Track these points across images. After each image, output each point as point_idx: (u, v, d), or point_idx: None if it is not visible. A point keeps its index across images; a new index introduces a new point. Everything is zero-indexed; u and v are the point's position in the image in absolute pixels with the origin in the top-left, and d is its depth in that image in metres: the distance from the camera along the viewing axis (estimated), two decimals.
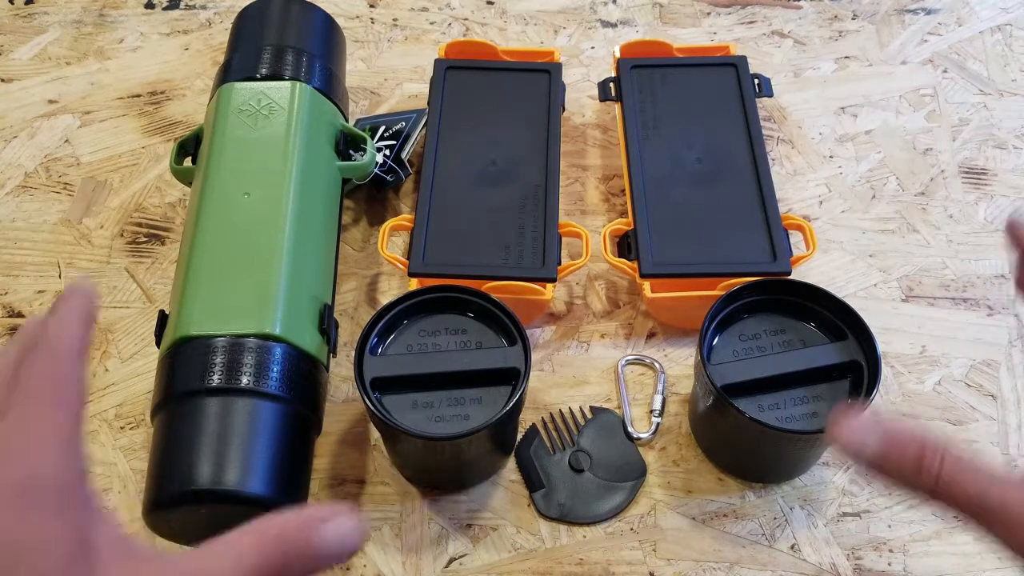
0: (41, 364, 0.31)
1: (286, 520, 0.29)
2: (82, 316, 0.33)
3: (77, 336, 0.32)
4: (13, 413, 0.29)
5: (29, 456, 0.28)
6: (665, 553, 0.47)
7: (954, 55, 0.70)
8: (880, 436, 0.32)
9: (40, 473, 0.28)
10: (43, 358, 0.31)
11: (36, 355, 0.31)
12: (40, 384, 0.30)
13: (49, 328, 0.32)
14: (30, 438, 0.29)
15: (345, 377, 0.53)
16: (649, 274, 0.52)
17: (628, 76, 0.61)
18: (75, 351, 0.32)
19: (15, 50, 0.72)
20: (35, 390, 0.30)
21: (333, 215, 0.54)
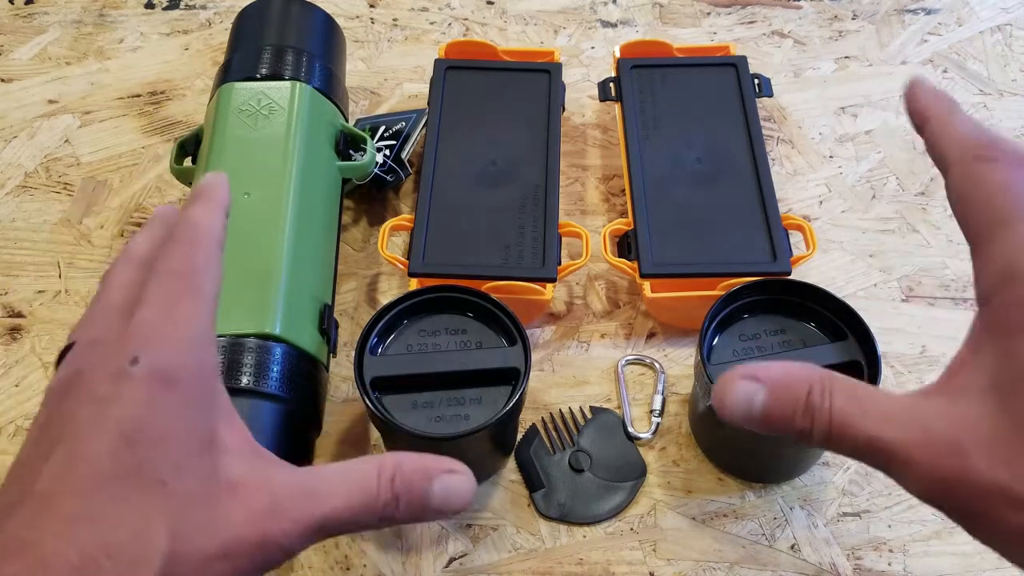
0: (181, 251, 0.31)
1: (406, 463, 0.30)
2: (218, 206, 0.33)
3: (216, 224, 0.32)
4: (153, 299, 0.29)
5: (167, 345, 0.28)
6: (665, 553, 0.47)
7: (954, 55, 0.70)
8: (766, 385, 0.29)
9: (176, 363, 0.28)
10: (183, 245, 0.31)
11: (175, 241, 0.31)
12: (179, 271, 0.30)
13: (189, 215, 0.32)
14: (168, 327, 0.28)
15: (345, 377, 0.53)
16: (649, 274, 0.52)
17: (628, 76, 0.61)
18: (214, 239, 0.32)
19: (15, 50, 0.72)
20: (174, 277, 0.30)
21: (333, 215, 0.54)
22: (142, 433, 0.26)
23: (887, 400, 0.28)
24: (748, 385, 0.29)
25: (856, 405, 0.28)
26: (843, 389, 0.29)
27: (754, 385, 0.29)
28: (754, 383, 0.29)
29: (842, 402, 0.28)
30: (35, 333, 0.56)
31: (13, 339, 0.55)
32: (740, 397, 0.29)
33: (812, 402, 0.28)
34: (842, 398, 0.28)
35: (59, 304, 0.57)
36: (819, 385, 0.29)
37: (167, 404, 0.27)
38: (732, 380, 0.30)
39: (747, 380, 0.29)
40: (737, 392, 0.29)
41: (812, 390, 0.28)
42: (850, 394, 0.28)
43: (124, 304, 0.30)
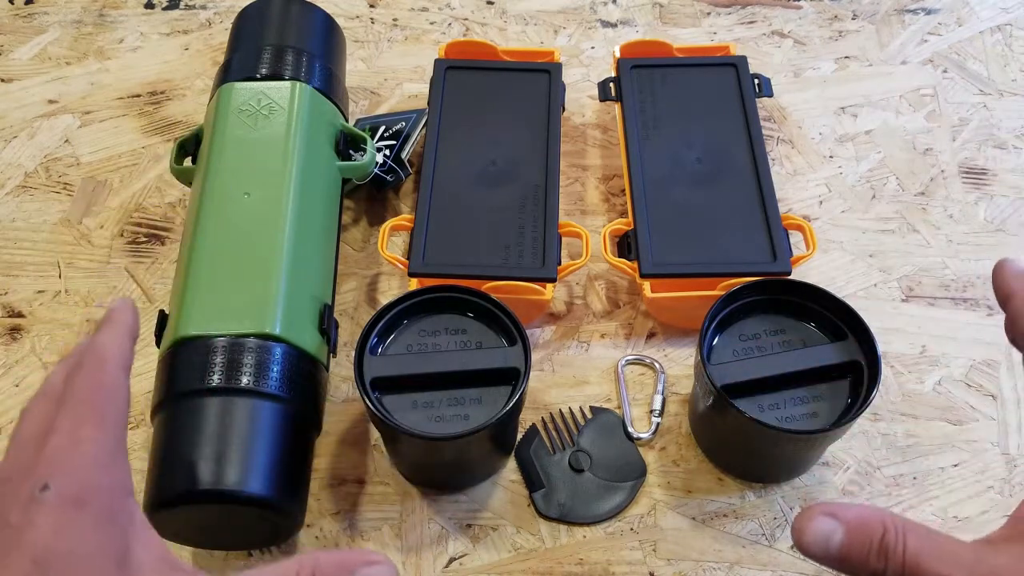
0: (86, 377, 0.32)
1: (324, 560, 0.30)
2: (125, 330, 0.34)
3: (120, 348, 0.33)
4: (61, 427, 0.30)
5: (75, 469, 0.29)
6: (665, 553, 0.47)
7: (954, 55, 0.70)
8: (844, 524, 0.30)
9: (84, 485, 0.29)
10: (88, 371, 0.32)
11: (81, 368, 0.32)
12: (85, 398, 0.31)
13: (95, 341, 0.33)
14: (75, 452, 0.29)
15: (345, 377, 0.53)
16: (649, 274, 0.52)
17: (628, 76, 0.61)
18: (118, 363, 0.33)
19: (15, 50, 0.72)
20: (81, 404, 0.31)
21: (333, 215, 0.54)
22: (54, 557, 0.27)
23: (958, 546, 0.30)
24: (827, 522, 0.30)
25: (929, 548, 0.29)
26: (916, 531, 0.30)
27: (832, 523, 0.30)
28: (832, 521, 0.30)
29: (915, 544, 0.29)
30: (35, 333, 0.56)
31: (13, 339, 0.55)
32: (819, 536, 0.30)
33: (887, 543, 0.29)
34: (915, 540, 0.29)
35: (59, 304, 0.57)
36: (893, 526, 0.30)
37: (77, 526, 0.28)
38: (812, 517, 0.31)
39: (826, 517, 0.30)
40: (816, 530, 0.30)
41: (887, 531, 0.30)
42: (923, 537, 0.30)
43: (37, 435, 0.31)
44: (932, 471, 0.50)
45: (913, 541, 0.29)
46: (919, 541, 0.29)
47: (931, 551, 0.29)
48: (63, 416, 0.30)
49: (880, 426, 0.51)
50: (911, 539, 0.29)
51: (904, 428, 0.51)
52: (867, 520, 0.30)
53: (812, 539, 0.30)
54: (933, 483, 0.49)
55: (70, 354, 0.35)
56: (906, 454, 0.50)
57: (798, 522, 0.31)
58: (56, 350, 0.55)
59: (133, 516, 0.30)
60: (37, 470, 0.29)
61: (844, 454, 0.50)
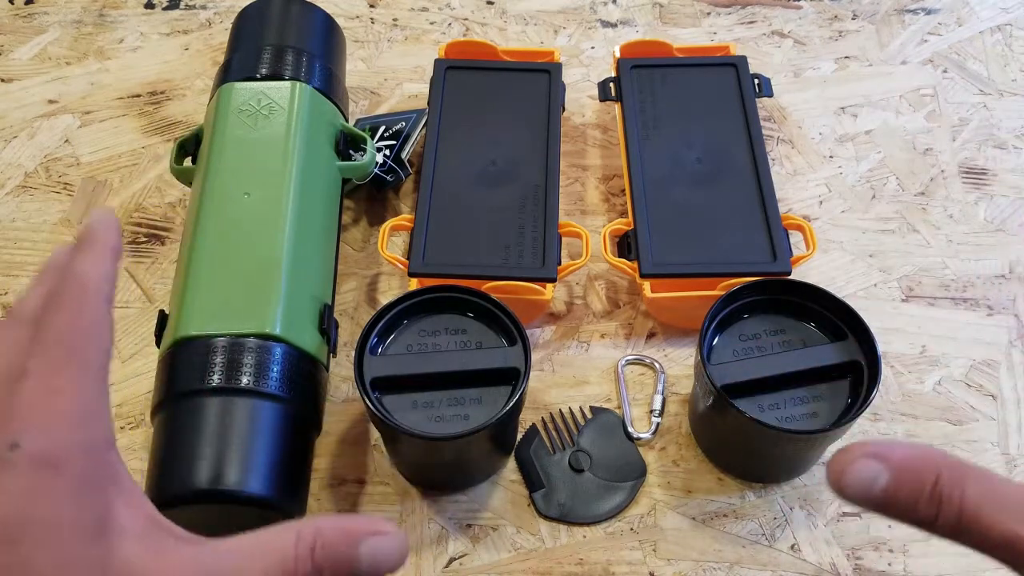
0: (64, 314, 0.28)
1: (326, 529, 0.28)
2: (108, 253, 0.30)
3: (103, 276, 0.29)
4: (34, 371, 0.26)
5: (49, 425, 0.26)
6: (665, 553, 0.47)
7: (954, 55, 0.70)
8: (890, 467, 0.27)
9: (60, 445, 0.26)
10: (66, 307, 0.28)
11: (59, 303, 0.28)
12: (63, 338, 0.27)
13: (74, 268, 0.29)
14: (50, 404, 0.26)
15: (345, 377, 0.53)
16: (649, 274, 0.52)
17: (628, 76, 0.61)
18: (101, 294, 0.29)
19: (15, 50, 0.72)
20: (58, 345, 0.27)
21: (333, 215, 0.54)
22: (25, 528, 0.24)
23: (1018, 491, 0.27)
24: (870, 465, 0.27)
25: (991, 498, 0.26)
26: (976, 478, 0.27)
27: (877, 465, 0.27)
28: (876, 463, 0.27)
29: (976, 491, 0.27)
30: None
31: None
32: (861, 477, 0.27)
33: (940, 490, 0.27)
34: (975, 487, 0.27)
35: None
36: (949, 472, 0.27)
37: (52, 492, 0.25)
38: (852, 458, 0.28)
39: (870, 459, 0.28)
40: (858, 472, 0.27)
41: (941, 477, 0.27)
42: (985, 484, 0.27)
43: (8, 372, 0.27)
44: None
45: (973, 488, 0.26)
46: (980, 488, 0.26)
47: (994, 501, 0.26)
48: (38, 358, 0.27)
49: (880, 426, 0.51)
50: (970, 486, 0.26)
51: (904, 428, 0.51)
52: (918, 463, 0.27)
53: (852, 481, 0.27)
54: None
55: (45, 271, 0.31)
56: None
57: (837, 463, 0.28)
58: None
59: (115, 474, 0.27)
60: (6, 424, 0.26)
61: None
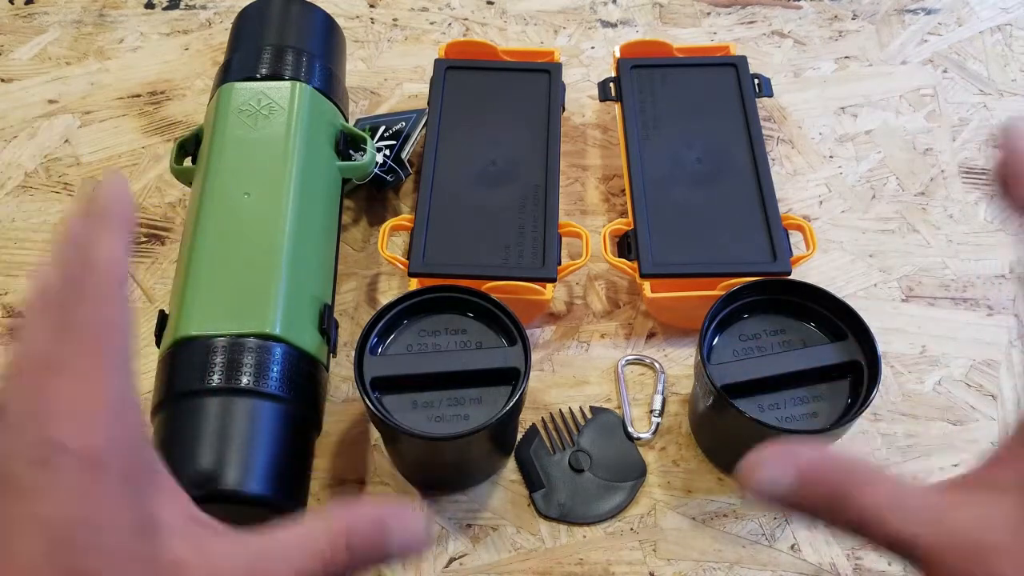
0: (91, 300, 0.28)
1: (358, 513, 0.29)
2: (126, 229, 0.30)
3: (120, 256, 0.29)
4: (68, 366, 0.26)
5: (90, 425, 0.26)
6: (665, 553, 0.47)
7: (954, 55, 0.70)
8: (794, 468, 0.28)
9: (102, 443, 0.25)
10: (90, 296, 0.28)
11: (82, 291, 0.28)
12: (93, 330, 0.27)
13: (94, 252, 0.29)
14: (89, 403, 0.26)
15: (345, 377, 0.53)
16: (649, 274, 0.52)
17: (628, 76, 0.61)
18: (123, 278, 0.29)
19: (15, 50, 0.72)
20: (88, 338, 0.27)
21: (333, 215, 0.54)
22: (75, 529, 0.24)
23: (917, 494, 0.28)
24: (778, 465, 0.29)
25: (893, 500, 0.27)
26: (879, 482, 0.28)
27: (784, 466, 0.28)
28: (784, 464, 0.28)
29: (878, 494, 0.27)
30: None
31: (13, 339, 0.55)
32: (770, 477, 0.28)
33: (845, 492, 0.28)
34: (878, 489, 0.27)
35: None
36: (854, 473, 0.28)
37: (99, 492, 0.25)
38: (761, 459, 0.29)
39: (778, 460, 0.29)
40: (767, 471, 0.28)
41: (845, 480, 0.28)
42: (886, 488, 0.28)
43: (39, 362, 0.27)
44: (932, 471, 0.50)
45: (876, 489, 0.27)
46: (882, 489, 0.27)
47: (895, 503, 0.27)
48: (68, 351, 0.27)
49: (880, 426, 0.51)
50: (874, 487, 0.27)
51: (904, 428, 0.51)
52: (824, 464, 0.28)
53: (762, 480, 0.28)
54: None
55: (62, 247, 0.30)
56: (906, 454, 0.50)
57: (747, 464, 0.29)
58: None
59: (155, 468, 0.27)
60: (46, 422, 0.25)
61: None
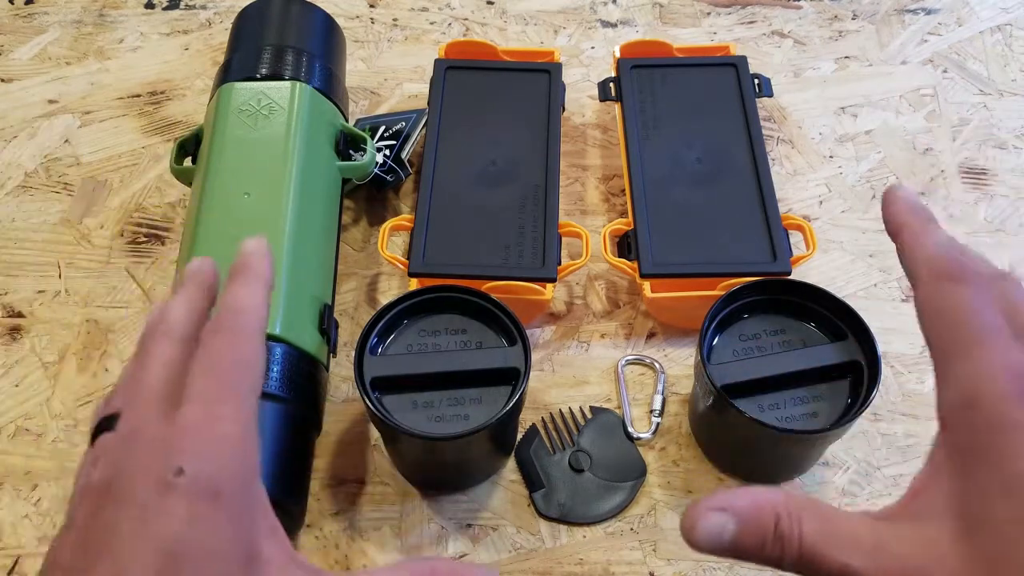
0: (226, 343, 0.30)
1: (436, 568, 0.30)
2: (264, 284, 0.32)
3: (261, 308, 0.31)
4: (197, 397, 0.28)
5: (212, 454, 0.27)
6: (665, 553, 0.47)
7: (954, 55, 0.70)
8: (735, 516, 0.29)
9: (221, 474, 0.27)
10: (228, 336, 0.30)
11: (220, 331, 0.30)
12: (225, 366, 0.29)
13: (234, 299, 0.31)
14: (213, 433, 0.27)
15: (345, 377, 0.53)
16: (649, 274, 0.52)
17: (628, 76, 0.61)
18: (259, 328, 0.30)
19: (15, 50, 0.72)
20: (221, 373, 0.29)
21: (333, 215, 0.54)
22: (187, 552, 0.26)
23: (855, 525, 0.28)
24: (717, 517, 0.29)
25: (825, 532, 0.28)
26: (812, 515, 0.28)
27: (723, 516, 0.29)
28: (723, 515, 0.29)
29: (811, 529, 0.28)
30: (35, 333, 0.56)
31: (13, 339, 0.55)
32: (710, 530, 0.29)
33: (781, 530, 0.28)
34: (811, 525, 0.28)
35: (59, 304, 0.57)
36: (787, 512, 0.28)
37: (212, 520, 0.26)
38: (701, 513, 0.29)
39: (715, 512, 0.29)
40: (707, 526, 0.29)
41: (780, 518, 0.28)
42: (819, 520, 0.28)
43: (166, 388, 0.29)
44: None
45: (809, 526, 0.28)
46: (815, 525, 0.28)
47: (828, 536, 0.28)
48: (199, 383, 0.28)
49: (880, 426, 0.51)
50: (806, 524, 0.28)
51: (904, 428, 0.51)
52: (760, 508, 0.29)
53: (703, 534, 0.29)
54: None
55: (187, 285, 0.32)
56: (906, 454, 0.50)
57: (687, 518, 0.29)
58: (57, 350, 0.55)
59: (263, 504, 0.29)
60: (171, 446, 0.27)
61: (844, 454, 0.50)
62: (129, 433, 0.29)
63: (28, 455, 0.51)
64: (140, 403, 0.29)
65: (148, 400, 0.29)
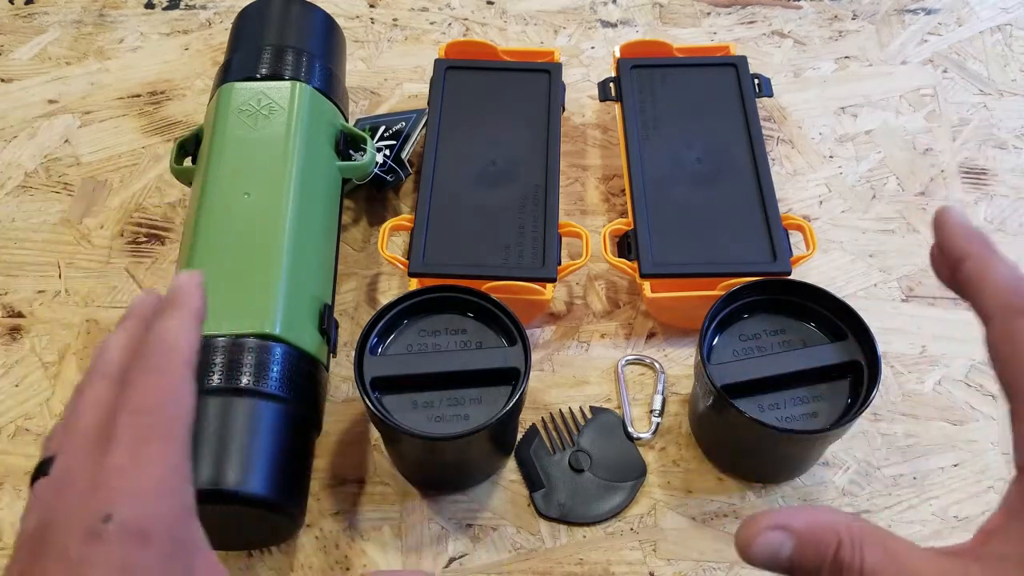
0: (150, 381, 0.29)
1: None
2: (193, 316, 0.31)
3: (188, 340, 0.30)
4: (123, 439, 0.28)
5: (139, 497, 0.27)
6: (665, 553, 0.47)
7: (954, 55, 0.70)
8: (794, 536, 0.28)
9: (150, 517, 0.27)
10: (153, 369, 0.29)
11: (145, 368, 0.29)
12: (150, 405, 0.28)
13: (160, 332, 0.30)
14: (139, 475, 0.27)
15: (345, 377, 0.53)
16: (649, 274, 0.52)
17: (628, 76, 0.61)
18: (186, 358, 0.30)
19: (15, 50, 0.72)
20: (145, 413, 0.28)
21: (333, 215, 0.54)
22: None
23: (921, 560, 0.27)
24: (775, 536, 0.28)
25: (889, 565, 0.27)
26: (875, 544, 0.27)
27: (781, 535, 0.28)
28: (781, 534, 0.28)
29: (874, 560, 0.27)
30: (35, 333, 0.56)
31: (13, 339, 0.55)
32: (767, 549, 0.28)
33: (841, 558, 0.27)
34: (874, 556, 0.27)
35: (59, 304, 0.57)
36: (849, 539, 0.27)
37: (142, 565, 0.26)
38: (758, 529, 0.28)
39: (774, 530, 0.28)
40: (764, 542, 0.28)
41: (842, 543, 0.27)
42: (882, 549, 0.27)
43: (96, 431, 0.29)
44: (932, 471, 0.50)
45: (872, 557, 0.27)
46: (878, 557, 0.27)
47: (891, 567, 0.27)
48: (125, 425, 0.28)
49: (880, 426, 0.51)
50: (869, 555, 0.27)
51: (904, 428, 0.51)
52: (820, 530, 0.28)
53: (759, 552, 0.28)
54: (933, 483, 0.49)
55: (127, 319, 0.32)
56: (906, 454, 0.50)
57: (744, 534, 0.28)
58: (57, 350, 0.55)
59: (198, 542, 0.28)
60: (97, 493, 0.27)
61: (844, 454, 0.50)
62: (60, 478, 0.28)
63: (28, 455, 0.51)
64: (71, 447, 0.29)
65: (78, 444, 0.29)
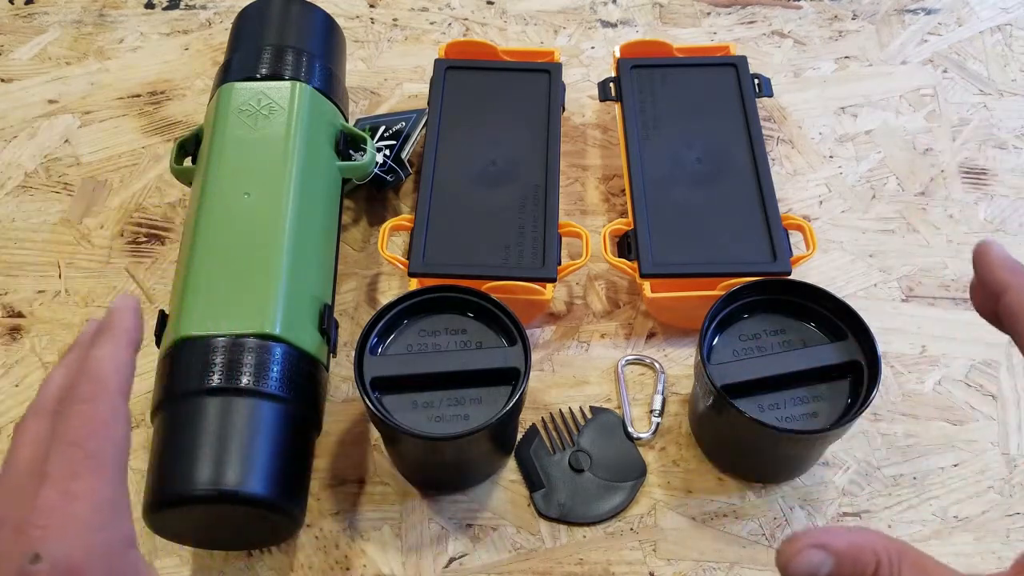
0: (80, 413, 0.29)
1: None
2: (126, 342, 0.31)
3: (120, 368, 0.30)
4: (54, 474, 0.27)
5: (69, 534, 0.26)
6: (665, 553, 0.47)
7: (954, 55, 0.70)
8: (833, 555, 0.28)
9: (80, 553, 0.26)
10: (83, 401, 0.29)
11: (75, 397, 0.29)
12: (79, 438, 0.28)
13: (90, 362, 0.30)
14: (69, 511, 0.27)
15: (345, 377, 0.53)
16: (649, 274, 0.52)
17: (628, 76, 0.61)
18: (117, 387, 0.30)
19: (15, 50, 0.72)
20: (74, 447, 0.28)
21: (333, 215, 0.54)
22: None
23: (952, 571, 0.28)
24: (815, 555, 0.28)
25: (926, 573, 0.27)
26: (913, 567, 0.28)
27: (821, 555, 0.28)
28: (821, 553, 0.28)
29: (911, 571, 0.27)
30: (35, 333, 0.56)
31: (13, 339, 0.55)
32: (806, 566, 0.28)
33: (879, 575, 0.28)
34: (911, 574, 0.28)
35: (59, 304, 0.57)
36: (887, 559, 0.28)
37: None
38: (799, 548, 0.28)
39: (815, 549, 0.28)
40: (804, 561, 0.28)
41: (880, 564, 0.28)
42: (920, 570, 0.28)
43: (28, 467, 0.28)
44: (932, 471, 0.50)
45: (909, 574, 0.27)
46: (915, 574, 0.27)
47: None
48: (55, 460, 0.27)
49: (880, 426, 0.51)
50: (906, 572, 0.27)
51: (904, 428, 0.51)
52: (859, 550, 0.28)
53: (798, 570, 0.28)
54: (933, 483, 0.49)
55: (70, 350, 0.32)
56: (906, 454, 0.50)
57: (785, 553, 0.29)
58: (56, 350, 0.55)
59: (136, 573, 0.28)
60: (27, 531, 0.26)
61: (844, 454, 0.50)
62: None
63: None
64: (5, 487, 0.28)
65: (12, 483, 0.28)
